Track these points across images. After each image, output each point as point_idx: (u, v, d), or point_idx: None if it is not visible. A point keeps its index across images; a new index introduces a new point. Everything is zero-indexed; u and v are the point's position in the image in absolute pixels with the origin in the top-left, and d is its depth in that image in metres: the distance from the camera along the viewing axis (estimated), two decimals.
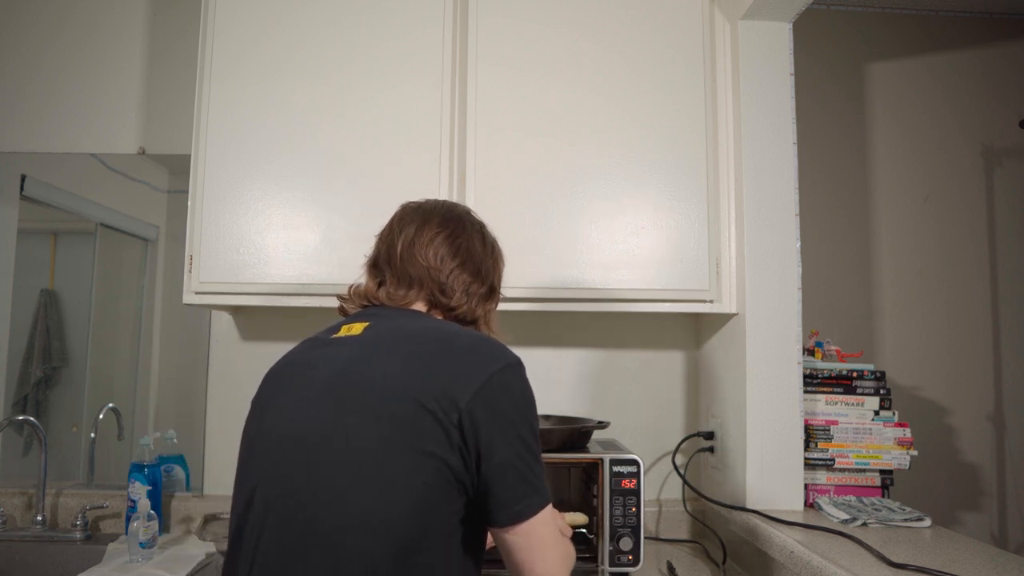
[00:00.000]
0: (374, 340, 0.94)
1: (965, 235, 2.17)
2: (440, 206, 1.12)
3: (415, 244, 1.04)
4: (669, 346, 1.84)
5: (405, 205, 1.13)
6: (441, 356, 0.90)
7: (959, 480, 2.09)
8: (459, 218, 1.10)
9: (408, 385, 0.86)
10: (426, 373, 0.87)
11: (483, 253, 1.10)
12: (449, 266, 1.04)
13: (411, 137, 1.54)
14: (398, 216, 1.11)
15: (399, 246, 1.05)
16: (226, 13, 1.56)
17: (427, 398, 0.85)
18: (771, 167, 1.54)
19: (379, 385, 0.87)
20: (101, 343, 1.85)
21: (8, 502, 1.69)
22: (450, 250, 1.05)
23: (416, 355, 0.90)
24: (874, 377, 1.57)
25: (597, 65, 1.57)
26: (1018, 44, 2.23)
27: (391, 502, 0.82)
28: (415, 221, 1.07)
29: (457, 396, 0.86)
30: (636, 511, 1.41)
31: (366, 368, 0.90)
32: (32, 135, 1.85)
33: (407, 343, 0.92)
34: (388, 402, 0.85)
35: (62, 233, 1.89)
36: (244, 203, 1.52)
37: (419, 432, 0.84)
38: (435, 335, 0.94)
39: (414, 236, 1.05)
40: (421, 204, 1.12)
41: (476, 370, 0.88)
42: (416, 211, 1.10)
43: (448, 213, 1.10)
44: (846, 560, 1.12)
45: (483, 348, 0.93)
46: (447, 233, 1.06)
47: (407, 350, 0.91)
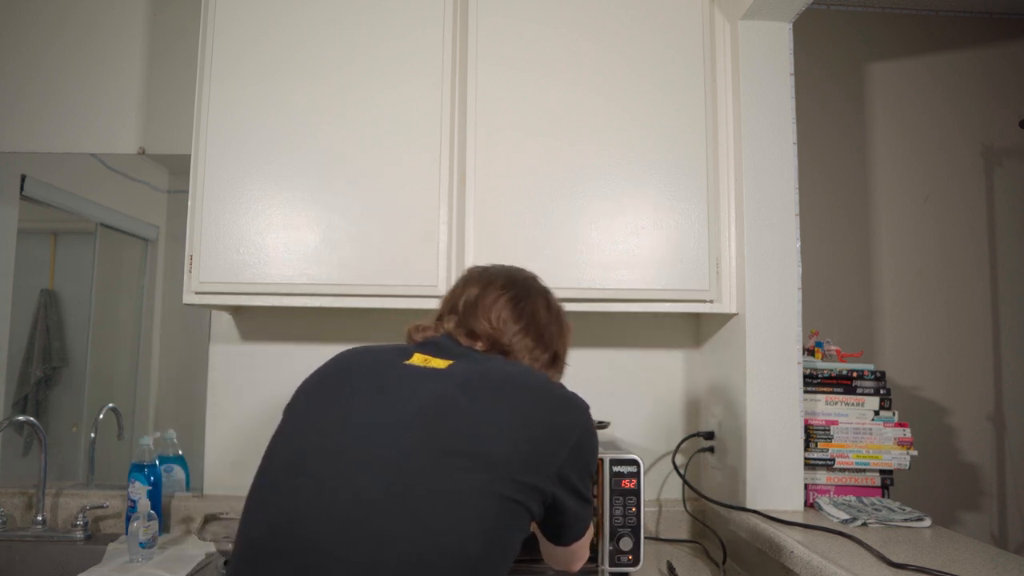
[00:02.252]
0: (468, 380, 0.91)
1: (965, 235, 2.17)
2: (504, 270, 1.12)
3: (477, 305, 1.04)
4: (669, 346, 1.84)
5: (471, 268, 1.14)
6: (541, 407, 0.90)
7: (959, 480, 2.09)
8: (523, 282, 1.10)
9: (510, 435, 0.86)
10: (528, 423, 0.87)
11: (547, 319, 1.09)
12: (512, 329, 1.03)
13: (411, 137, 1.54)
14: (463, 278, 1.12)
15: (461, 303, 1.06)
16: (226, 13, 1.56)
17: (528, 450, 0.86)
18: (771, 167, 1.54)
19: (481, 430, 0.86)
20: (101, 343, 1.85)
21: (8, 502, 1.69)
22: (512, 313, 1.04)
23: (517, 404, 0.89)
24: (874, 377, 1.57)
25: (597, 65, 1.57)
26: (1018, 44, 2.23)
27: (468, 538, 0.81)
28: (479, 283, 1.08)
29: (556, 451, 0.88)
30: (636, 511, 1.41)
31: (466, 410, 0.87)
32: (32, 135, 1.85)
33: (505, 389, 0.91)
34: (488, 448, 0.84)
35: (62, 233, 1.89)
36: (244, 203, 1.52)
37: (515, 483, 0.84)
38: (531, 383, 0.93)
39: (477, 296, 1.05)
40: (487, 268, 1.13)
41: (571, 424, 0.91)
42: (481, 274, 1.10)
43: (512, 277, 1.10)
44: (846, 560, 1.12)
45: (575, 401, 0.95)
46: (510, 296, 1.06)
47: (507, 397, 0.90)
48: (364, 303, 1.53)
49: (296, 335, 1.80)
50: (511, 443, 0.85)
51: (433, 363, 0.95)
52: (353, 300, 1.53)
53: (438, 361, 0.95)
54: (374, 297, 1.52)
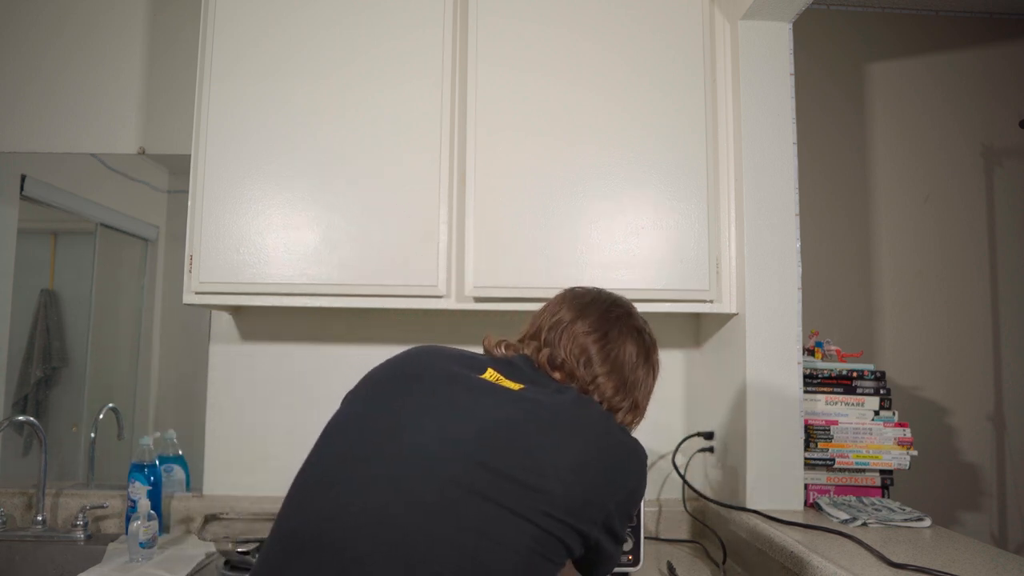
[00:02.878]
0: (536, 412, 0.88)
1: (965, 235, 2.17)
2: (602, 301, 1.07)
3: (564, 334, 1.01)
4: (669, 346, 1.84)
5: (568, 290, 1.10)
6: (602, 458, 0.88)
7: (959, 480, 2.09)
8: (618, 319, 1.05)
9: (566, 478, 0.83)
10: (586, 473, 0.85)
11: (635, 363, 1.04)
12: (595, 372, 0.99)
13: (411, 137, 1.54)
14: (558, 299, 1.08)
15: (547, 328, 1.03)
16: (226, 13, 1.56)
17: (581, 498, 0.84)
18: (771, 167, 1.54)
19: (538, 465, 0.83)
20: (101, 343, 1.85)
21: (8, 502, 1.69)
22: (599, 353, 1.00)
23: (578, 450, 0.86)
24: (874, 377, 1.57)
25: (597, 65, 1.57)
26: (1018, 44, 2.23)
27: (503, 560, 0.80)
28: (572, 309, 1.04)
29: (607, 501, 0.87)
30: (636, 511, 1.41)
31: (528, 441, 0.85)
32: (32, 135, 1.85)
33: (571, 432, 0.88)
34: (542, 485, 0.82)
35: (62, 233, 1.89)
36: (244, 203, 1.52)
37: (561, 523, 0.83)
38: (597, 431, 0.90)
39: (567, 325, 1.02)
40: (585, 292, 1.08)
41: (627, 475, 0.89)
42: (576, 299, 1.06)
43: (607, 311, 1.05)
44: (846, 560, 1.12)
45: (635, 452, 0.92)
46: (600, 334, 1.01)
47: (570, 441, 0.87)
48: (364, 303, 1.53)
49: (296, 335, 1.80)
50: (565, 486, 0.83)
51: (505, 383, 0.92)
52: (353, 300, 1.53)
53: (510, 383, 0.92)
54: (374, 297, 1.52)
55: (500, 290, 1.51)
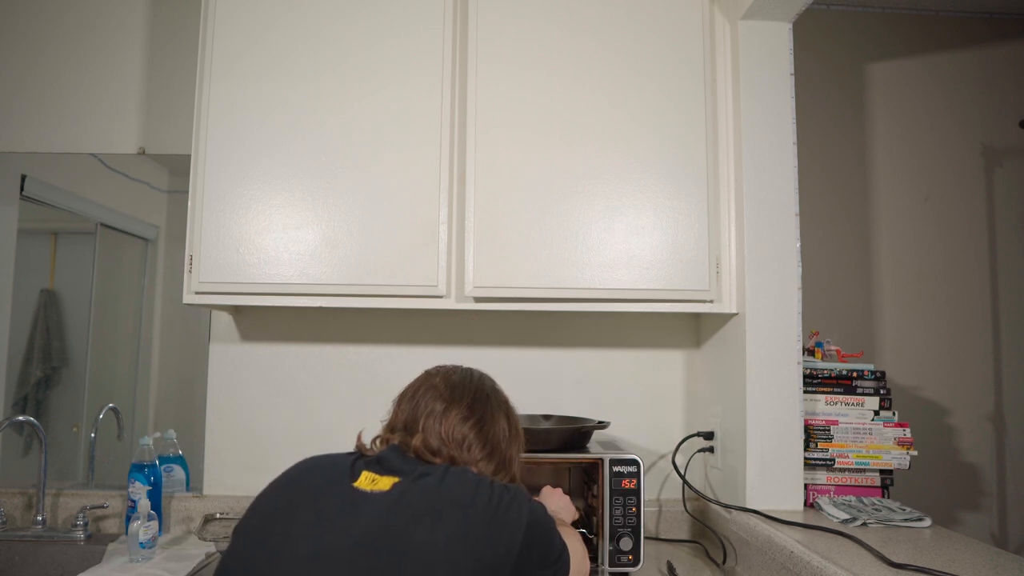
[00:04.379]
0: (408, 503, 0.90)
1: (965, 235, 2.17)
2: (467, 384, 1.09)
3: (440, 424, 1.03)
4: (669, 346, 1.84)
5: (429, 375, 1.12)
6: (479, 522, 0.89)
7: (959, 480, 2.09)
8: (487, 400, 1.09)
9: (451, 558, 0.85)
10: (468, 544, 0.87)
11: (508, 436, 1.08)
12: (475, 456, 1.03)
13: (411, 136, 1.54)
14: (422, 387, 1.09)
15: (421, 420, 1.04)
16: (226, 12, 1.56)
17: (473, 568, 0.86)
18: (771, 167, 1.54)
19: (423, 556, 0.85)
20: (101, 343, 1.85)
21: (8, 502, 1.69)
22: (479, 439, 1.04)
23: (454, 526, 0.88)
24: (874, 377, 1.57)
25: (597, 65, 1.56)
26: (1018, 44, 2.23)
27: None
28: (443, 399, 1.06)
29: (506, 555, 0.89)
30: (636, 511, 1.41)
31: (405, 538, 0.86)
32: (32, 135, 1.85)
33: (444, 510, 0.90)
34: (434, 570, 0.84)
35: (62, 233, 1.89)
36: (244, 203, 1.52)
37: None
38: (468, 498, 0.92)
39: (441, 415, 1.04)
40: (448, 376, 1.10)
41: (514, 523, 0.91)
42: (444, 387, 1.08)
43: (476, 395, 1.08)
44: (846, 560, 1.12)
45: (513, 499, 0.94)
46: (476, 419, 1.05)
47: (446, 520, 0.88)
48: (364, 303, 1.53)
49: (296, 335, 1.80)
50: (453, 566, 0.85)
51: (379, 484, 0.94)
52: (353, 300, 1.53)
53: (383, 480, 0.94)
54: (374, 297, 1.52)
55: (500, 290, 1.51)
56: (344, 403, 1.78)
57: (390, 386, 1.79)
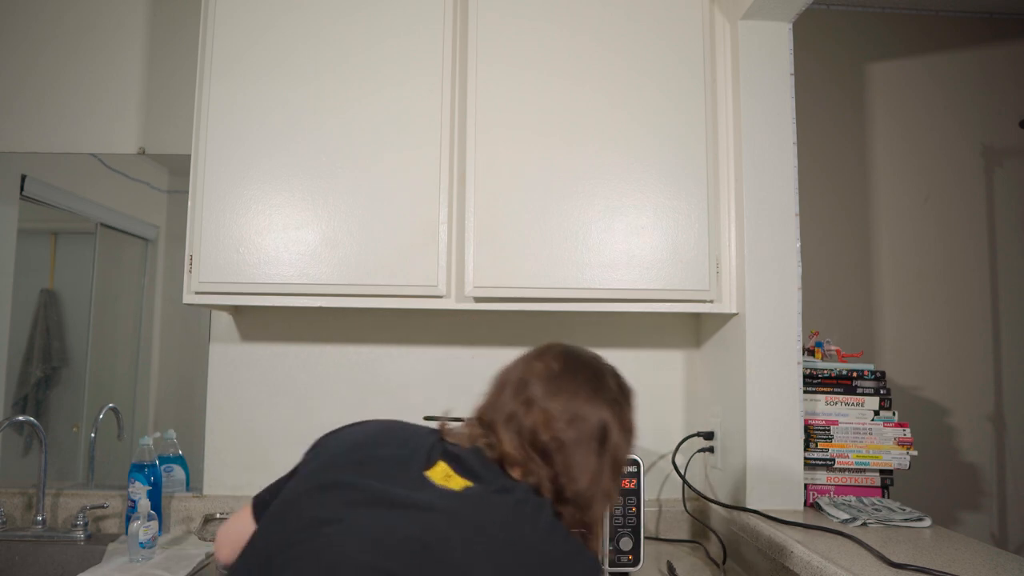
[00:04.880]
0: (472, 520, 0.82)
1: (965, 235, 2.17)
2: (600, 382, 0.94)
3: (524, 425, 0.89)
4: (669, 346, 1.84)
5: (527, 362, 0.96)
6: (532, 566, 0.80)
7: (959, 480, 2.09)
8: (616, 402, 0.95)
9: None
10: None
11: (626, 453, 0.94)
12: (603, 487, 0.90)
13: (411, 136, 1.54)
14: (534, 374, 0.93)
15: (518, 418, 0.90)
16: (226, 12, 1.56)
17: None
18: (771, 167, 1.54)
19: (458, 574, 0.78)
20: (101, 343, 1.85)
21: (8, 502, 1.69)
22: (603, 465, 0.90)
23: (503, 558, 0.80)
24: (874, 377, 1.57)
25: (597, 65, 1.56)
26: (1018, 44, 2.23)
27: None
28: (577, 397, 0.91)
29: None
30: (636, 511, 1.41)
31: (454, 555, 0.79)
32: (32, 135, 1.85)
33: (503, 544, 0.81)
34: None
35: (62, 233, 1.89)
36: (244, 203, 1.52)
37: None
38: (531, 546, 0.82)
39: (564, 429, 0.88)
40: (549, 368, 0.94)
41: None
42: (570, 379, 0.93)
43: (613, 396, 0.94)
44: (846, 560, 1.12)
45: (579, 563, 0.84)
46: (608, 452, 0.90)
47: (499, 554, 0.80)
48: (364, 303, 1.53)
49: (296, 335, 1.80)
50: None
51: (452, 482, 0.85)
52: (353, 300, 1.53)
53: (457, 480, 0.86)
54: (374, 297, 1.52)
55: (500, 290, 1.51)
56: (344, 403, 1.78)
57: (390, 386, 1.82)
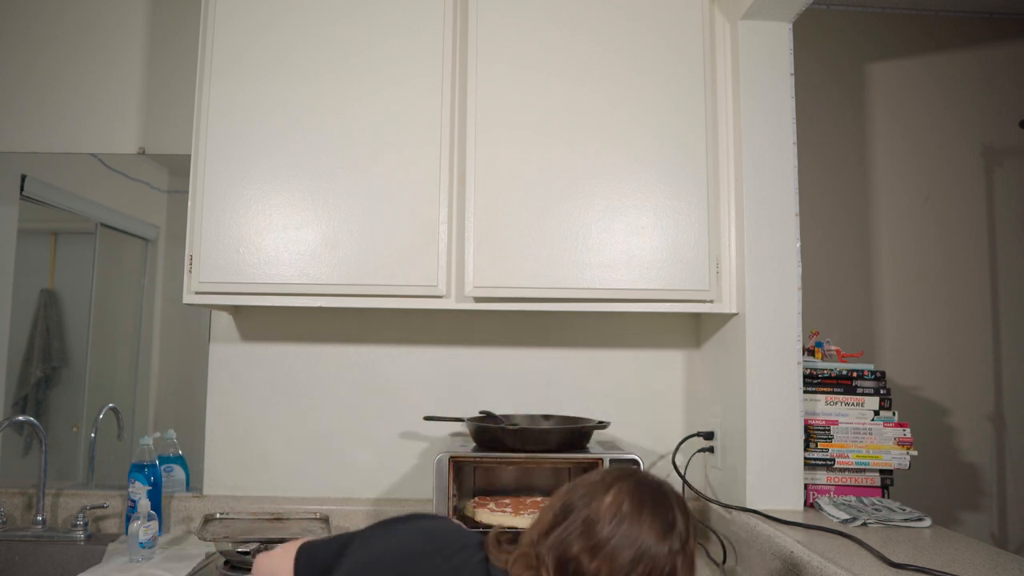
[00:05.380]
0: None
1: (965, 235, 2.17)
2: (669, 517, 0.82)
3: (585, 568, 0.79)
4: (669, 346, 1.84)
5: (617, 495, 0.82)
6: None
7: (959, 480, 2.09)
8: (685, 543, 0.83)
9: None
10: None
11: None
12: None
13: (411, 136, 1.54)
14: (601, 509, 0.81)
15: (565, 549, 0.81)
16: (226, 12, 1.56)
17: None
18: (771, 167, 1.54)
19: None
20: (101, 343, 1.85)
21: (8, 502, 1.69)
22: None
23: None
24: (874, 377, 1.57)
25: (597, 65, 1.56)
26: (1018, 44, 2.23)
27: None
28: (646, 535, 0.80)
29: None
30: None
31: None
32: (32, 135, 1.85)
33: None
34: None
35: (62, 233, 1.89)
36: (244, 203, 1.52)
37: None
38: None
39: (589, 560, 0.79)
40: (635, 505, 0.82)
41: None
42: (638, 517, 0.81)
43: (681, 536, 0.82)
44: (846, 560, 1.12)
45: None
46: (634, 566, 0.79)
47: None
48: (364, 303, 1.53)
49: (296, 335, 1.80)
50: None
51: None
52: (353, 300, 1.53)
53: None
54: (374, 297, 1.52)
55: (500, 290, 1.51)
56: (344, 403, 1.78)
57: (390, 386, 1.82)
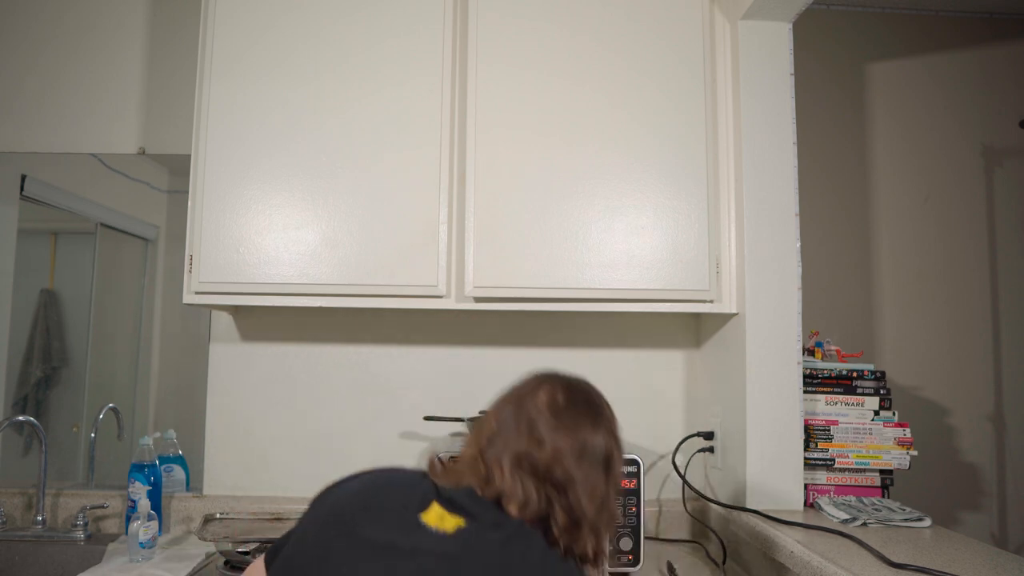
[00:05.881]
0: (463, 555, 0.82)
1: (965, 235, 2.17)
2: (581, 415, 0.90)
3: (536, 459, 0.86)
4: (669, 346, 1.84)
5: (535, 390, 0.92)
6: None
7: (959, 480, 2.09)
8: (612, 429, 0.92)
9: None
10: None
11: (604, 500, 0.89)
12: (605, 517, 0.88)
13: (411, 136, 1.54)
14: (524, 405, 0.91)
15: (509, 454, 0.87)
16: (226, 12, 1.56)
17: None
18: (771, 167, 1.54)
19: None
20: (101, 343, 1.85)
21: (8, 502, 1.69)
22: (610, 489, 0.88)
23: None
24: (874, 377, 1.57)
25: (597, 65, 1.56)
26: (1018, 44, 2.23)
27: None
28: (582, 430, 0.88)
29: None
30: (636, 511, 1.41)
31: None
32: (32, 135, 1.85)
33: None
34: None
35: (62, 233, 1.89)
36: (244, 203, 1.52)
37: None
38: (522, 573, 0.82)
39: (575, 462, 0.86)
40: (553, 399, 0.91)
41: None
42: (549, 415, 0.89)
43: (584, 420, 0.90)
44: (846, 560, 1.12)
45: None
46: (577, 457, 0.86)
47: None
48: (364, 303, 1.53)
49: (296, 335, 1.80)
50: None
51: (445, 523, 0.84)
52: (353, 300, 1.53)
53: (450, 520, 0.85)
54: (374, 297, 1.52)
55: (500, 290, 1.51)
56: (344, 403, 1.78)
57: (390, 386, 1.81)
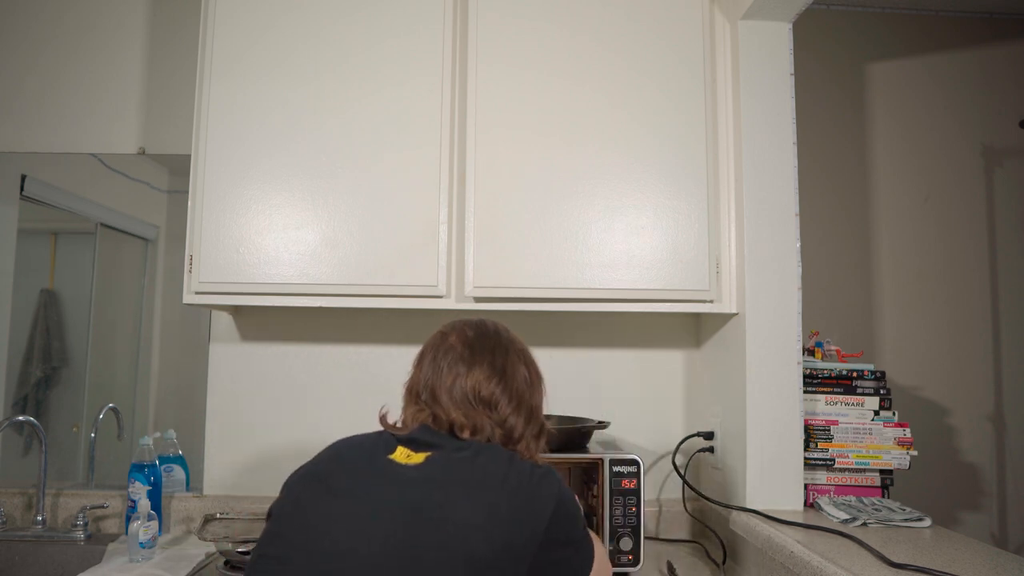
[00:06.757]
0: (443, 478, 0.92)
1: (965, 235, 2.17)
2: (485, 339, 1.07)
3: (466, 386, 1.02)
4: (669, 346, 1.84)
5: (444, 335, 1.09)
6: (513, 500, 0.91)
7: (959, 480, 2.09)
8: (505, 352, 1.07)
9: (487, 534, 0.87)
10: (502, 521, 0.89)
11: (531, 388, 1.07)
12: (504, 411, 1.02)
13: (411, 136, 1.54)
14: (440, 348, 1.07)
15: (446, 385, 1.03)
16: (226, 12, 1.56)
17: (505, 545, 0.87)
18: (771, 167, 1.54)
19: (457, 531, 0.87)
20: (101, 343, 1.85)
21: (8, 502, 1.69)
22: (504, 394, 1.03)
23: (488, 503, 0.90)
24: (874, 377, 1.57)
25: (597, 65, 1.56)
26: (1018, 44, 2.23)
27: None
28: (462, 360, 1.04)
29: (534, 533, 0.90)
30: (636, 511, 1.42)
31: (440, 511, 0.88)
32: (32, 135, 1.85)
33: (478, 487, 0.91)
34: (465, 549, 0.86)
35: (62, 233, 1.89)
36: (244, 203, 1.52)
37: (498, 571, 0.87)
38: (500, 477, 0.93)
39: (465, 378, 1.02)
40: (463, 334, 1.08)
41: (544, 501, 0.92)
42: (460, 347, 1.05)
43: (495, 348, 1.06)
44: (846, 560, 1.12)
45: (543, 478, 0.95)
46: (499, 376, 1.03)
47: (480, 496, 0.90)
48: (364, 303, 1.53)
49: (296, 335, 1.80)
50: (487, 543, 0.86)
51: (414, 458, 0.95)
52: (353, 300, 1.53)
53: (417, 455, 0.96)
54: (374, 297, 1.52)
55: (500, 290, 1.51)
56: (344, 403, 1.78)
57: (390, 386, 1.80)
